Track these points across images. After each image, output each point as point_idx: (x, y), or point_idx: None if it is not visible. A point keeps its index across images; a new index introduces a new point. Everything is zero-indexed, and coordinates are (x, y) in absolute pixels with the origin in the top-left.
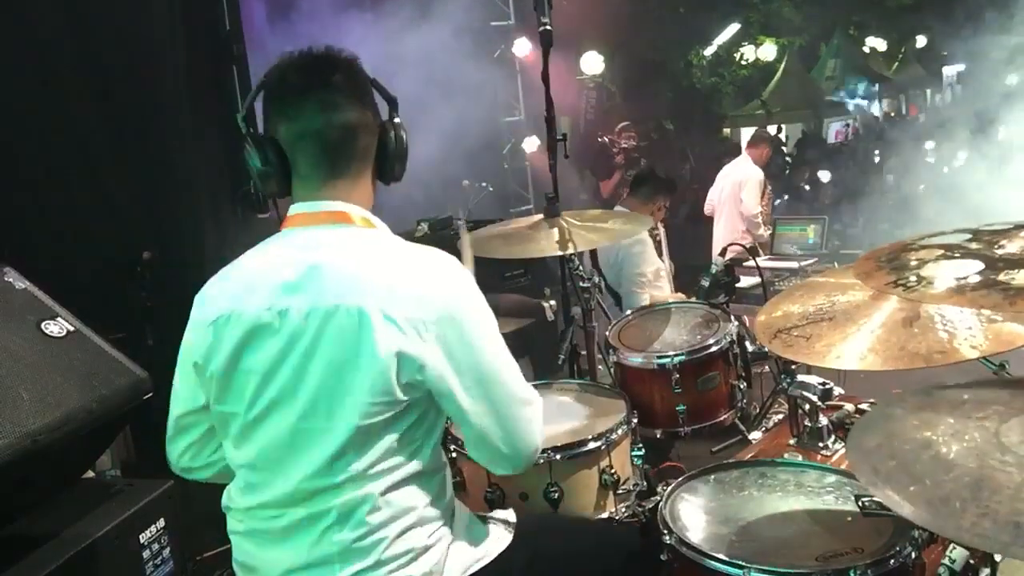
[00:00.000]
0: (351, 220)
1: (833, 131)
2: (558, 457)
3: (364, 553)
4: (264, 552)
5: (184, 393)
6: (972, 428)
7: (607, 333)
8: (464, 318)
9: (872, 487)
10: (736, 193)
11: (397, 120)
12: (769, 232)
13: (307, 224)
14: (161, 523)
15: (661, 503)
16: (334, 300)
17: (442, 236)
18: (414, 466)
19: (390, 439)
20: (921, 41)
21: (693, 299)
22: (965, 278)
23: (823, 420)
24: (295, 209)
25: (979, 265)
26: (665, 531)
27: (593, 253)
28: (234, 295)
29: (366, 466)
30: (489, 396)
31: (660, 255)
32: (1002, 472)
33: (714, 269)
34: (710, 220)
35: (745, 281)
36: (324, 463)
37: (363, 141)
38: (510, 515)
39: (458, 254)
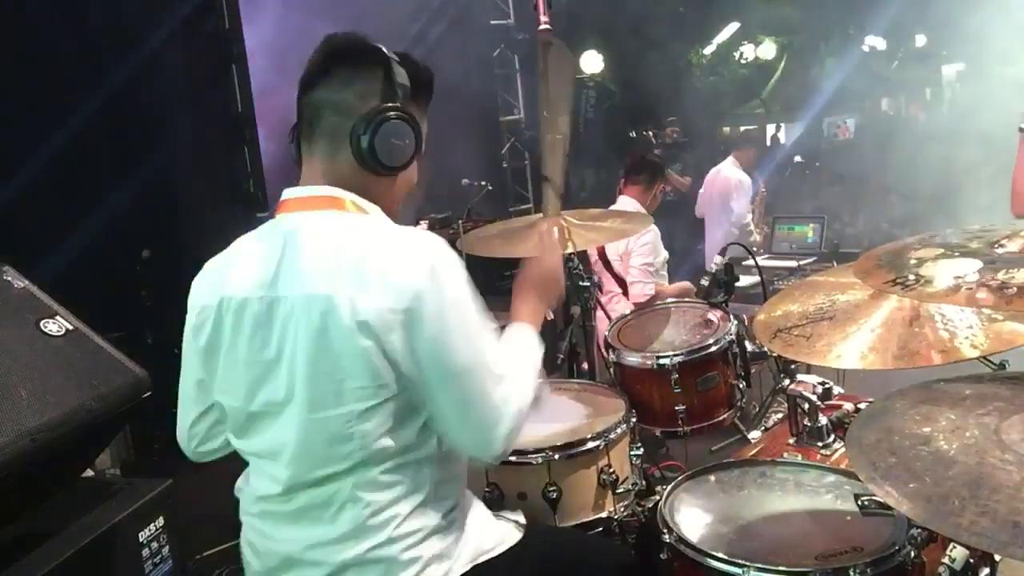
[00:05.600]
0: (340, 205)
1: (833, 130)
2: (556, 457)
3: (376, 530)
4: (277, 532)
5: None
6: (972, 424)
7: (606, 333)
8: (431, 308)
9: (871, 483)
10: (724, 200)
11: (376, 116)
12: (762, 234)
13: (296, 209)
14: (160, 522)
15: (660, 502)
16: (310, 290)
17: (440, 236)
18: (422, 444)
19: (394, 420)
20: (921, 41)
21: (694, 298)
22: (963, 277)
23: (822, 419)
24: (286, 194)
25: (978, 264)
26: (664, 530)
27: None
28: (228, 282)
29: (372, 448)
30: (452, 390)
31: None
32: (1002, 470)
33: (713, 268)
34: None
35: (744, 280)
36: (328, 448)
37: (329, 118)
38: (520, 516)
39: (458, 252)
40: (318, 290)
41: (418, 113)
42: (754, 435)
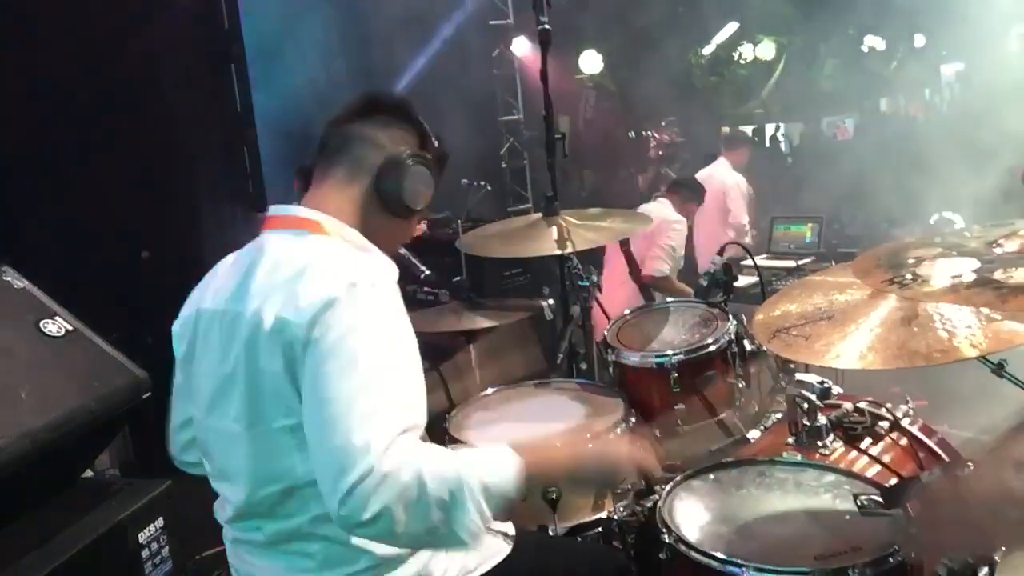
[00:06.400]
0: (316, 228)
1: (832, 130)
2: None
3: (351, 560)
4: (255, 559)
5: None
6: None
7: (606, 332)
8: (331, 326)
9: None
10: (719, 203)
11: (409, 158)
12: (754, 235)
13: (273, 227)
14: (160, 522)
15: (660, 502)
16: (252, 306)
17: (440, 236)
18: None
19: None
20: (920, 41)
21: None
22: (959, 276)
23: (821, 419)
24: (270, 211)
25: (975, 264)
26: (664, 530)
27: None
28: (205, 298)
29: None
30: (315, 434)
31: None
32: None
33: (712, 268)
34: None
35: (743, 280)
36: (273, 463)
37: (358, 150)
38: (509, 527)
39: (456, 253)
40: (253, 305)
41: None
42: (753, 435)
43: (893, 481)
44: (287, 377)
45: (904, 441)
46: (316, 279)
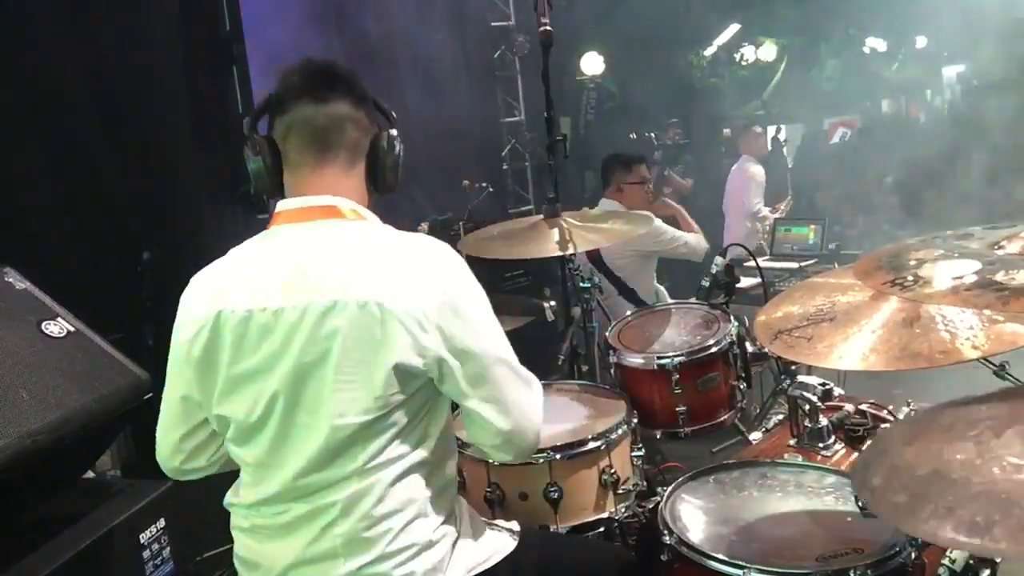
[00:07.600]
0: (341, 214)
1: (833, 131)
2: (558, 457)
3: (369, 545)
4: (267, 547)
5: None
6: (971, 446)
7: (607, 334)
8: (462, 305)
9: (901, 524)
10: (739, 196)
11: (393, 132)
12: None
13: (295, 220)
14: (161, 523)
15: (661, 503)
16: (330, 297)
17: (442, 237)
18: (417, 457)
19: (392, 432)
20: (921, 41)
21: (693, 299)
22: (961, 278)
23: (823, 421)
24: (282, 206)
25: (976, 265)
26: (665, 531)
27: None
28: (227, 294)
29: (369, 459)
30: (489, 379)
31: None
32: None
33: (714, 269)
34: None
35: (745, 282)
36: (326, 459)
37: (352, 133)
38: (514, 525)
39: (459, 253)
40: (342, 297)
41: None
42: (755, 436)
43: None
44: (399, 362)
45: None
46: (423, 261)
